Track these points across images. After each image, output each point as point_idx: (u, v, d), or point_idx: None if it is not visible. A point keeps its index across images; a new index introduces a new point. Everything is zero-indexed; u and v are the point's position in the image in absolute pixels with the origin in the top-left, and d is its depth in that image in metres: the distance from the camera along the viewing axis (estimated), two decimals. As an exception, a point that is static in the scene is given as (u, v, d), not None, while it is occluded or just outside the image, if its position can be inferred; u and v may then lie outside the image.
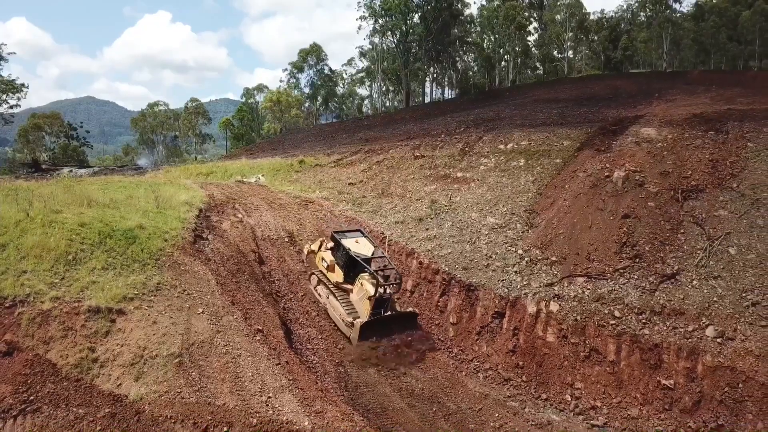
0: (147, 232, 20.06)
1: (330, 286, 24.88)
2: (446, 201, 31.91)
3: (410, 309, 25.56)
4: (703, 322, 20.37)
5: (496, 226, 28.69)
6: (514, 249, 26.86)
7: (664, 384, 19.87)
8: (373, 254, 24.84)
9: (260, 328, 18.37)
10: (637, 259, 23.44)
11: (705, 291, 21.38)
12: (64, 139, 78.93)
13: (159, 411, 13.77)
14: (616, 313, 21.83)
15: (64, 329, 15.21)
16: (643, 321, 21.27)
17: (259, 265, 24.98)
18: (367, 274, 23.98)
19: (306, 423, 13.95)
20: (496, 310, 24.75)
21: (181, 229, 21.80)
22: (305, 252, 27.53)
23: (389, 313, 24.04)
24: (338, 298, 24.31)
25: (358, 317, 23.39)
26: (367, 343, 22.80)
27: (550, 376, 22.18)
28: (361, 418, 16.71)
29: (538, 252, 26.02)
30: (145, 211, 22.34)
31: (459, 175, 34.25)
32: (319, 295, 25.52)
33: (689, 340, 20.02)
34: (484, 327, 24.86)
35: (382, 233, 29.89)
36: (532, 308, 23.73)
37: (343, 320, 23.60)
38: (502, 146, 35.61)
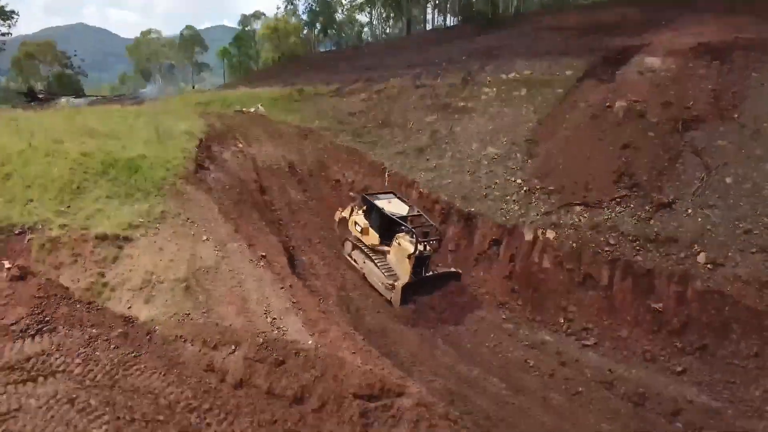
0: (149, 162, 20.26)
1: (366, 250, 24.32)
2: (447, 131, 31.87)
3: (452, 268, 24.77)
4: (696, 249, 20.88)
5: (496, 157, 28.82)
6: (513, 179, 27.12)
7: (654, 308, 20.63)
8: (408, 213, 24.17)
9: (264, 254, 18.88)
10: (635, 189, 23.72)
11: (699, 219, 21.78)
12: (59, 68, 77.62)
13: (169, 331, 14.42)
14: (611, 241, 22.34)
15: (74, 255, 15.70)
16: (637, 248, 21.80)
17: (261, 194, 25.32)
18: (403, 233, 23.45)
19: (310, 342, 14.64)
20: (493, 237, 25.31)
21: (182, 158, 21.98)
22: (336, 220, 26.88)
23: (431, 272, 23.59)
24: (375, 261, 23.76)
25: (398, 279, 22.88)
26: (410, 305, 22.34)
27: (544, 300, 22.97)
28: (363, 338, 17.51)
29: (537, 181, 26.29)
30: (146, 141, 22.45)
31: (460, 104, 33.99)
32: (355, 261, 25.00)
33: (681, 267, 20.61)
34: (481, 254, 25.51)
35: (383, 164, 30.06)
36: (529, 236, 24.26)
37: (382, 283, 23.10)
38: (504, 76, 35.13)
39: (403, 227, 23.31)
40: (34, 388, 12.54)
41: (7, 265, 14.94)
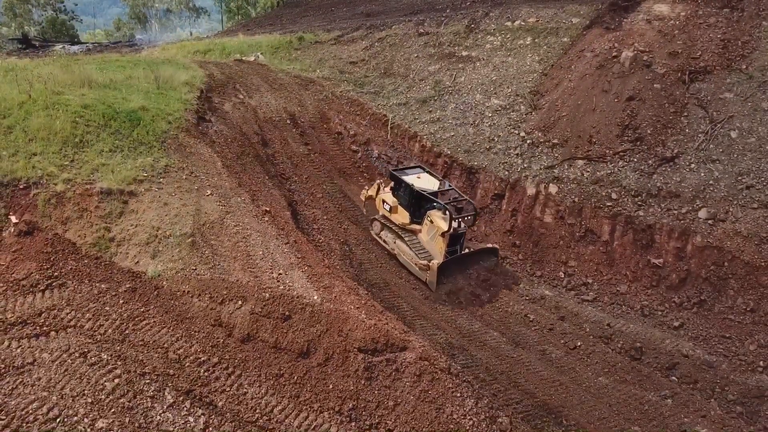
0: (150, 114, 20.05)
1: (396, 230, 23.08)
2: (450, 81, 31.39)
3: (489, 244, 23.65)
4: (697, 204, 20.98)
5: (499, 108, 28.51)
6: (516, 131, 26.92)
7: (654, 263, 20.88)
8: (439, 188, 22.77)
9: (268, 209, 18.95)
10: (638, 142, 23.61)
11: (702, 174, 21.78)
12: (52, 12, 75.62)
13: (177, 286, 14.66)
14: (613, 195, 22.40)
15: (79, 210, 15.76)
16: (639, 203, 21.88)
17: (263, 147, 25.18)
18: (436, 209, 22.17)
19: (315, 297, 14.89)
20: (495, 192, 25.35)
21: (183, 110, 21.73)
22: (362, 199, 25.53)
23: (467, 249, 22.61)
24: (407, 240, 22.60)
25: (432, 259, 21.80)
26: (447, 285, 21.51)
27: (545, 254, 23.22)
28: (366, 292, 17.80)
29: (540, 134, 26.11)
30: (146, 92, 22.13)
31: (464, 54, 33.34)
32: (385, 241, 23.78)
33: (682, 222, 20.75)
34: (483, 208, 25.59)
35: (385, 115, 29.76)
36: (531, 190, 24.30)
37: (416, 264, 21.98)
38: (509, 23, 34.33)
39: (435, 203, 22.12)
40: (46, 342, 12.86)
41: (14, 220, 15.05)
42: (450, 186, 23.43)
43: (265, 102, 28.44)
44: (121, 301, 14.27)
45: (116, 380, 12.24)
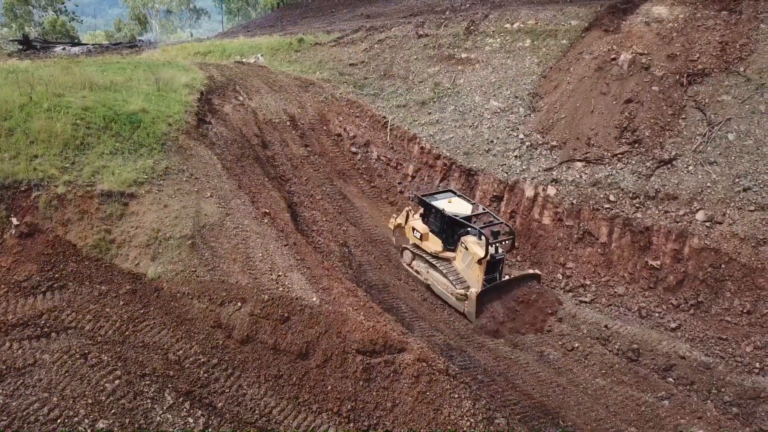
0: (150, 116, 20.17)
1: (428, 259, 21.85)
2: (450, 83, 31.50)
3: (530, 270, 22.30)
4: (695, 207, 21.07)
5: (498, 110, 28.61)
6: (515, 133, 27.02)
7: (651, 264, 20.97)
8: (472, 212, 21.85)
9: (267, 211, 19.07)
10: (636, 145, 23.70)
11: (699, 176, 21.87)
12: (53, 13, 75.76)
13: (177, 288, 14.78)
14: (611, 198, 22.49)
15: (80, 212, 15.89)
16: (637, 205, 21.98)
17: (263, 149, 25.29)
18: (470, 235, 21.15)
19: (314, 298, 15.01)
20: (494, 194, 25.46)
21: (183, 112, 21.84)
22: (390, 227, 24.35)
23: (507, 276, 21.38)
24: (441, 269, 21.28)
25: (470, 288, 20.38)
26: (487, 314, 20.04)
27: (543, 256, 23.32)
28: (365, 294, 17.90)
29: (539, 136, 26.22)
30: (146, 95, 22.25)
31: (463, 56, 33.46)
32: (417, 272, 22.56)
33: (679, 224, 20.84)
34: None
35: (384, 117, 29.87)
36: (530, 192, 24.40)
37: (453, 294, 20.68)
38: (508, 25, 34.44)
39: (469, 228, 21.17)
40: (47, 344, 12.99)
41: (15, 222, 15.17)
42: (484, 209, 22.65)
43: (265, 104, 28.55)
44: (121, 303, 14.40)
45: (116, 381, 12.37)
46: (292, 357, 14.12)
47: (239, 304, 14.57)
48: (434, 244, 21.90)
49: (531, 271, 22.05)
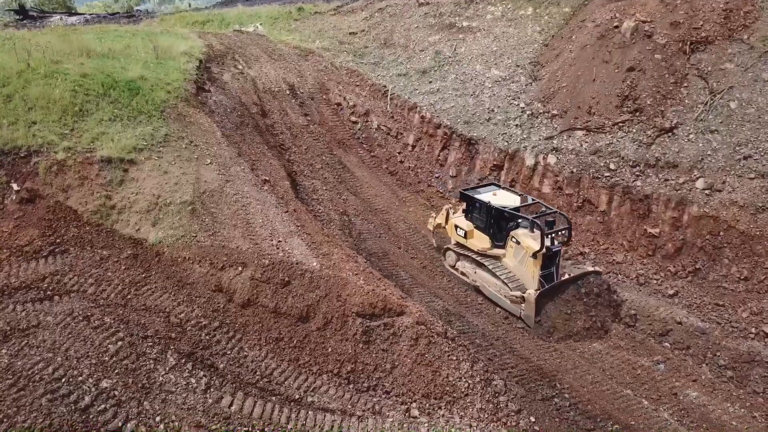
0: (149, 84, 20.05)
1: (475, 257, 20.48)
2: (451, 52, 31.22)
3: (590, 267, 20.83)
4: (695, 175, 21.06)
5: (499, 79, 28.41)
6: (516, 102, 26.88)
7: (650, 232, 21.06)
8: (521, 203, 20.55)
9: (267, 178, 19.10)
10: (638, 113, 23.58)
11: (700, 145, 21.81)
12: (49, -18, 74.76)
13: (177, 253, 14.88)
14: (612, 166, 22.48)
15: (80, 178, 15.91)
16: (637, 173, 21.97)
17: (262, 117, 25.19)
18: (521, 228, 19.87)
19: (314, 263, 15.13)
20: (494, 163, 25.44)
21: (182, 80, 21.70)
22: (430, 229, 23.15)
23: (566, 275, 19.70)
24: (490, 269, 19.80)
25: (524, 286, 19.02)
26: (545, 317, 18.50)
27: (543, 224, 23.36)
28: (365, 260, 18.03)
29: (540, 105, 26.08)
30: (145, 62, 22.09)
31: (465, 24, 33.08)
32: (463, 273, 21.14)
33: (679, 192, 20.86)
34: (482, 179, 25.68)
35: (384, 86, 29.68)
36: (530, 161, 24.38)
37: (506, 297, 19.17)
38: (509, -7, 34.02)
39: (519, 221, 19.93)
40: (50, 306, 13.13)
41: (15, 187, 15.21)
42: (534, 199, 21.20)
43: (264, 72, 28.36)
44: (122, 267, 14.52)
45: (119, 343, 12.54)
46: (292, 320, 14.28)
47: (240, 268, 14.69)
48: (481, 241, 20.49)
49: (591, 268, 20.52)
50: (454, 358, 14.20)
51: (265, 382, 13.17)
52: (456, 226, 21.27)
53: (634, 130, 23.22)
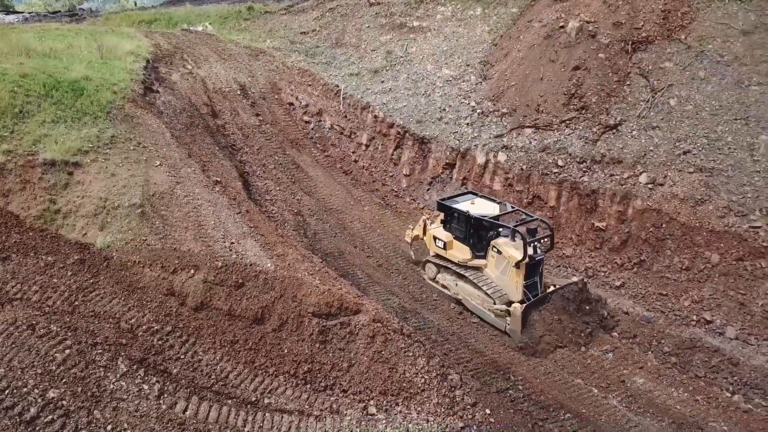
0: (94, 84, 19.50)
1: (456, 269, 20.01)
2: (402, 52, 31.46)
3: (574, 278, 20.45)
4: (638, 170, 21.85)
5: (450, 78, 28.80)
6: (467, 101, 27.30)
7: (597, 226, 21.75)
8: (500, 211, 20.09)
9: (219, 179, 18.85)
10: (584, 111, 24.31)
11: (643, 141, 22.64)
12: (-16, -21, 71.63)
13: (127, 257, 14.52)
14: (560, 162, 23.10)
15: (22, 182, 15.33)
16: (584, 169, 22.64)
17: (213, 118, 24.83)
18: (502, 237, 19.34)
19: (269, 264, 15.02)
20: (447, 161, 25.78)
21: (129, 80, 21.19)
22: (408, 240, 22.38)
23: (552, 286, 19.26)
24: (472, 280, 19.26)
25: (507, 296, 18.61)
26: (530, 330, 17.79)
27: (495, 221, 23.81)
28: (320, 260, 18.00)
29: (489, 104, 26.57)
30: (89, 62, 21.46)
31: (415, 24, 33.41)
32: (444, 286, 20.59)
33: (623, 186, 21.61)
34: (435, 178, 26.03)
35: (337, 86, 29.67)
36: (481, 159, 24.80)
37: (491, 310, 18.70)
38: (459, -7, 34.50)
39: (500, 229, 19.44)
40: (-8, 316, 12.60)
41: (-49, 193, 14.55)
42: (513, 207, 20.76)
43: (214, 72, 27.95)
44: (69, 273, 14.06)
45: (67, 351, 12.14)
46: (247, 322, 14.13)
47: (192, 271, 14.44)
48: (461, 252, 20.02)
49: (575, 278, 20.18)
50: (411, 354, 14.34)
51: (220, 385, 12.99)
52: (435, 238, 20.74)
53: (581, 128, 23.93)
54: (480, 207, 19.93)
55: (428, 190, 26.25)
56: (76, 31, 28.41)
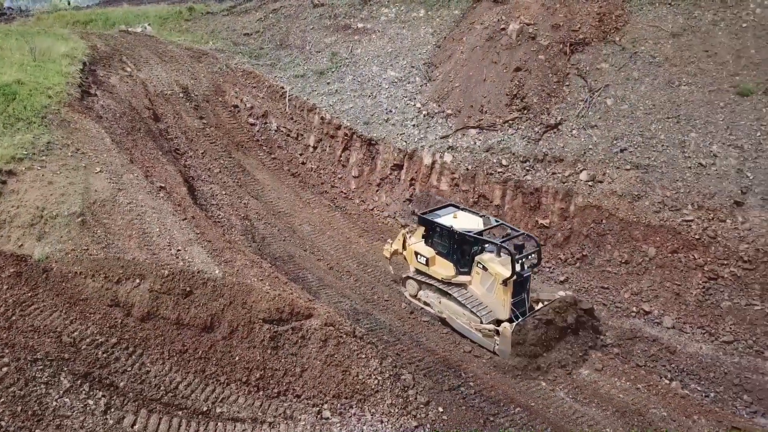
0: (27, 88, 18.75)
1: (439, 286, 19.12)
2: (347, 53, 31.48)
3: (561, 292, 19.34)
4: (579, 168, 22.57)
5: (396, 80, 29.01)
6: (412, 103, 27.57)
7: (541, 223, 22.38)
8: (484, 225, 19.06)
9: (163, 185, 18.42)
10: (526, 111, 24.95)
11: (582, 139, 23.41)
12: None
13: (68, 268, 13.99)
14: (504, 162, 23.62)
15: (-50, 193, 14.61)
16: (527, 168, 23.24)
17: (155, 122, 24.22)
18: (487, 252, 18.62)
19: (217, 271, 14.79)
20: (395, 162, 25.96)
21: (65, 84, 20.46)
22: (386, 256, 21.18)
23: (543, 302, 18.55)
24: (457, 298, 18.39)
25: (494, 314, 17.85)
26: (520, 349, 16.98)
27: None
28: (270, 265, 17.86)
29: (435, 105, 26.91)
30: (21, 65, 20.60)
31: (360, 25, 33.50)
32: (426, 303, 19.75)
33: (565, 184, 22.29)
34: (383, 179, 26.17)
35: (282, 87, 29.43)
36: (428, 160, 25.10)
37: (478, 329, 17.89)
38: (402, -5, 34.80)
39: (487, 245, 18.60)
40: None
41: None
42: (497, 220, 19.81)
43: (155, 75, 27.27)
44: (5, 287, 13.45)
45: (5, 369, 11.65)
46: (196, 331, 13.88)
47: (138, 280, 14.07)
48: (444, 268, 19.07)
49: (563, 293, 19.28)
50: (363, 356, 14.43)
51: (170, 396, 12.73)
52: (417, 253, 19.78)
53: (523, 127, 24.55)
54: (463, 221, 19.13)
55: (377, 191, 26.37)
56: (6, 31, 27.19)
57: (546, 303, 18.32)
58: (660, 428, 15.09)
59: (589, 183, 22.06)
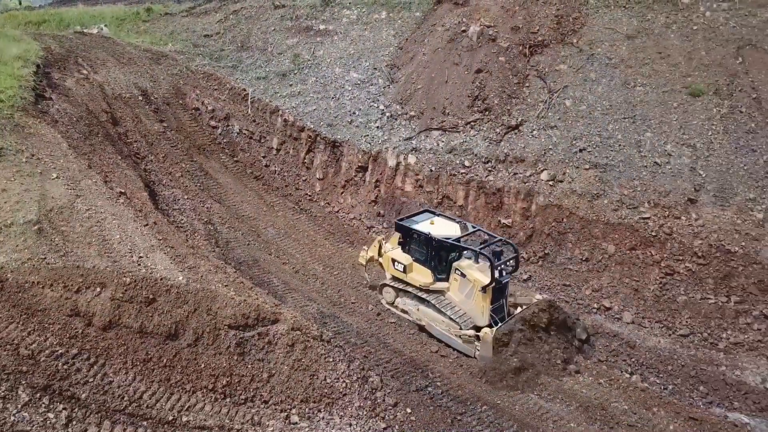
0: (-23, 93, 18.16)
1: (417, 293, 18.98)
2: (309, 55, 31.36)
3: (538, 296, 19.69)
4: (539, 168, 23.04)
5: (359, 82, 29.04)
6: (376, 105, 27.66)
7: (504, 223, 22.75)
8: (463, 232, 19.22)
9: (123, 191, 18.05)
10: (487, 112, 25.32)
11: (543, 140, 23.89)
12: None
13: (24, 278, 13.58)
14: (466, 163, 23.93)
15: None
16: (489, 169, 23.60)
17: (113, 126, 23.70)
18: (465, 258, 18.66)
19: (180, 278, 14.58)
20: (359, 164, 26.02)
21: (17, 87, 19.86)
22: (362, 263, 21.02)
23: (521, 307, 18.47)
24: (436, 305, 18.30)
25: (473, 321, 17.85)
26: (502, 356, 16.78)
27: (408, 221, 24.31)
28: (234, 270, 17.68)
29: (398, 107, 27.07)
30: (-31, 68, 19.94)
31: (321, 27, 33.42)
32: (404, 311, 19.53)
33: (527, 184, 22.72)
34: (348, 181, 26.19)
35: (244, 90, 29.15)
36: (392, 161, 25.24)
37: (458, 336, 17.83)
38: (364, -3, 34.84)
39: (465, 252, 18.73)
40: None
41: None
42: (474, 226, 20.05)
43: (112, 78, 26.65)
44: (-43, 300, 13.02)
45: (-41, 384, 11.29)
46: (160, 339, 13.65)
47: (98, 289, 13.76)
48: (422, 275, 18.90)
49: (540, 296, 19.62)
50: (331, 359, 14.42)
51: (134, 407, 12.50)
52: (393, 260, 19.56)
53: (485, 128, 24.91)
54: (440, 227, 18.90)
55: (342, 193, 26.37)
56: (-47, 33, 26.21)
57: (524, 307, 18.33)
58: (621, 421, 15.52)
59: (550, 183, 22.53)
